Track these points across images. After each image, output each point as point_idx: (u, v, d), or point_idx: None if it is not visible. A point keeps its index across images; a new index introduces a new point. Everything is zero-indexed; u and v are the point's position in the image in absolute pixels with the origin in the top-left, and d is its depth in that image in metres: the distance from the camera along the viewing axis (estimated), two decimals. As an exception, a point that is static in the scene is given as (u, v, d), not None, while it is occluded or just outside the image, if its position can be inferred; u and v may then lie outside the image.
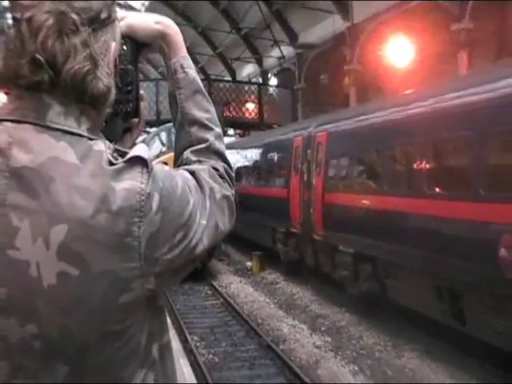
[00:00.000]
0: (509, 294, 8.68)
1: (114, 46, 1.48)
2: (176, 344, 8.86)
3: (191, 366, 10.04)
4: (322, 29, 27.79)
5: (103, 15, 1.43)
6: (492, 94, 9.38)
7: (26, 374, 1.34)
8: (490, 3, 17.76)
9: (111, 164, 1.36)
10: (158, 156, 16.73)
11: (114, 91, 1.46)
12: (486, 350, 9.75)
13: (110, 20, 1.46)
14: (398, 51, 19.68)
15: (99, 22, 1.42)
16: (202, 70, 43.44)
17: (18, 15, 1.37)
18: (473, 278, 9.58)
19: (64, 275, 1.29)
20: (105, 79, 1.41)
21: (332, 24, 26.46)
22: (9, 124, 1.37)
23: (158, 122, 23.74)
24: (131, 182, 1.35)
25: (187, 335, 12.85)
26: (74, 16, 1.36)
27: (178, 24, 1.73)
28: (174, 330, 10.89)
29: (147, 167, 1.38)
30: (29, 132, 1.35)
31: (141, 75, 1.71)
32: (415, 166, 11.56)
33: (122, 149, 1.43)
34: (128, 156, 1.38)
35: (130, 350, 1.40)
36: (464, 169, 10.27)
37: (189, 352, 11.50)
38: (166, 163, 7.36)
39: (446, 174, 11.02)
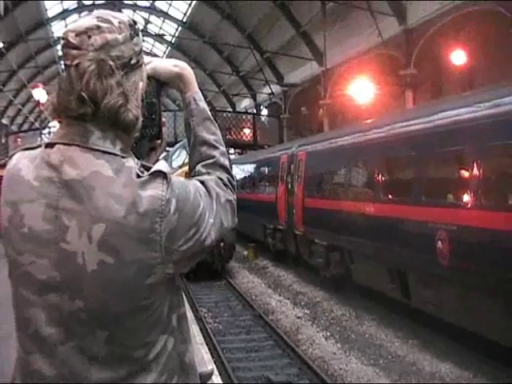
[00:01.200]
0: (441, 275, 8.73)
1: (141, 84, 1.48)
2: (189, 314, 8.83)
3: (201, 331, 10.02)
4: (302, 72, 27.84)
5: (133, 61, 1.44)
6: (429, 124, 9.47)
7: (74, 337, 1.36)
8: (429, 54, 17.88)
9: (139, 176, 1.37)
10: (183, 163, 15.23)
11: (141, 119, 1.45)
12: (427, 318, 9.78)
13: (138, 65, 1.46)
14: (359, 90, 19.71)
15: (130, 67, 1.43)
16: (209, 103, 43.26)
17: (68, 62, 1.38)
18: (416, 264, 9.62)
19: (103, 263, 1.32)
20: (134, 110, 1.41)
21: (310, 68, 26.54)
22: (61, 146, 1.39)
23: (175, 143, 23.70)
24: (154, 191, 1.35)
25: (198, 308, 12.83)
26: (111, 62, 1.37)
27: (190, 67, 1.74)
28: (187, 304, 10.88)
29: (166, 179, 1.38)
30: (76, 152, 1.37)
31: (162, 107, 1.72)
32: (373, 177, 11.62)
33: (147, 164, 1.43)
34: (152, 170, 1.38)
35: (154, 320, 1.40)
36: (410, 181, 10.31)
37: (199, 320, 11.47)
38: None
39: (396, 184, 11.08)
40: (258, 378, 8.68)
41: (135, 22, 1.49)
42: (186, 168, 14.48)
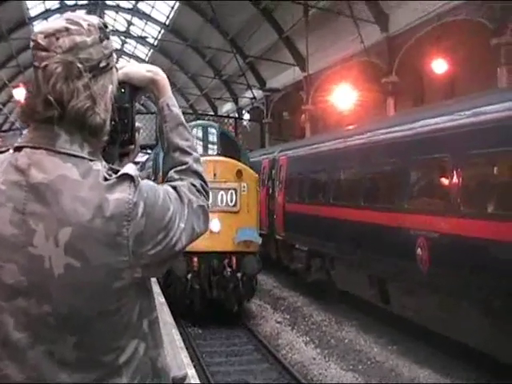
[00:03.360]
0: (420, 281, 8.80)
1: (110, 88, 1.47)
2: (170, 319, 8.77)
3: (181, 335, 9.94)
4: (284, 77, 27.92)
5: (102, 64, 1.43)
6: (410, 131, 9.57)
7: (43, 342, 1.35)
8: (410, 62, 18.04)
9: (106, 180, 1.37)
10: None
11: (108, 123, 1.46)
12: (405, 324, 9.85)
13: (108, 68, 1.46)
14: (341, 97, 19.84)
15: (98, 70, 1.42)
16: (191, 107, 43.29)
17: (37, 64, 1.38)
18: (396, 270, 9.69)
19: (69, 267, 1.31)
20: (102, 114, 1.42)
21: (292, 74, 26.63)
22: (28, 150, 1.39)
23: (156, 145, 23.55)
24: (121, 194, 1.36)
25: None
26: (79, 65, 1.37)
27: (173, 70, 1.73)
28: (167, 308, 10.78)
29: (134, 182, 1.38)
30: (43, 155, 1.37)
31: (143, 109, 1.70)
32: (353, 183, 11.68)
33: (115, 167, 1.44)
34: (119, 173, 1.39)
35: (124, 324, 1.40)
36: (391, 186, 10.40)
37: (178, 324, 11.37)
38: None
39: (377, 190, 11.16)
40: (237, 382, 8.66)
41: (106, 26, 1.49)
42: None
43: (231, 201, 11.27)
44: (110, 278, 1.34)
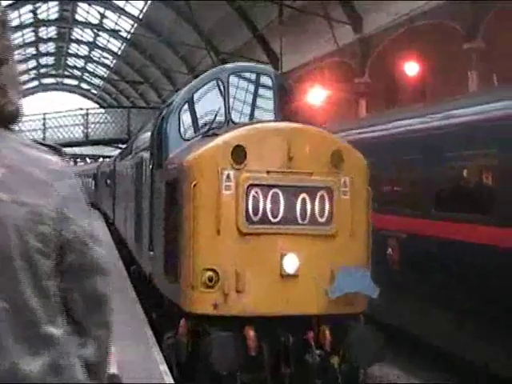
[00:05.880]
0: (393, 282, 8.80)
1: (15, 70, 1.46)
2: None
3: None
4: (257, 75, 27.91)
5: (4, 56, 1.41)
6: (384, 132, 9.59)
7: None
8: (383, 63, 18.16)
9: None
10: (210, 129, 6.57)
11: (22, 106, 1.45)
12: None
13: (10, 60, 1.43)
14: (314, 96, 19.86)
15: (1, 62, 1.40)
16: (163, 102, 43.05)
17: None
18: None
19: None
20: (14, 99, 1.41)
21: (265, 72, 26.63)
22: None
23: (127, 141, 23.32)
24: (50, 156, 1.41)
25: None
26: None
27: (145, 65, 1.63)
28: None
29: (61, 156, 1.46)
30: None
31: (115, 103, 1.62)
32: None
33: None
34: (45, 144, 1.46)
35: (50, 295, 1.34)
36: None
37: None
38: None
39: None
40: None
41: (7, 20, 1.46)
42: (227, 139, 5.68)
43: (321, 213, 5.66)
44: (34, 218, 1.34)
